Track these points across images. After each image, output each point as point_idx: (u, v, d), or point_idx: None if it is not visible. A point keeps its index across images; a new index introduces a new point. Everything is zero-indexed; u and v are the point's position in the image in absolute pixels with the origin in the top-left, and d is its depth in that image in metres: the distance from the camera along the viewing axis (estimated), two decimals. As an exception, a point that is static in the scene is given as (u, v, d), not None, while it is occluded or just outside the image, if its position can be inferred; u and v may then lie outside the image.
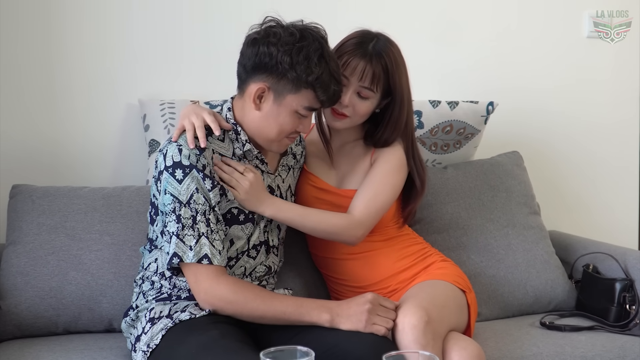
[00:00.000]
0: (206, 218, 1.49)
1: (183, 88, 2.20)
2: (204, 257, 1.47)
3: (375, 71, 1.67)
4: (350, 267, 1.79)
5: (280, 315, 1.48)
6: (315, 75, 1.48)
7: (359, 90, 1.69)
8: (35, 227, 1.84)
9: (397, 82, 1.71)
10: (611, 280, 1.97)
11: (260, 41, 1.50)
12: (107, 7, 2.18)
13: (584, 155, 2.66)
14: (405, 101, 1.74)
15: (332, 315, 1.47)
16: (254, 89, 1.52)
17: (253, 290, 1.50)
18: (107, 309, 1.81)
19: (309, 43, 1.48)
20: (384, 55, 1.69)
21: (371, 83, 1.68)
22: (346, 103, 1.68)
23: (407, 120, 1.77)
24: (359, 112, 1.71)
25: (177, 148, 1.50)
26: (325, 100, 1.53)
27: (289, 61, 1.47)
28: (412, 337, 1.48)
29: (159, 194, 1.53)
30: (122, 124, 2.20)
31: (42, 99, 2.15)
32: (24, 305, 1.78)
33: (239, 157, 1.59)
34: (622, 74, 2.70)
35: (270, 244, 1.67)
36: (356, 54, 1.68)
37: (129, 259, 1.84)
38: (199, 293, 1.50)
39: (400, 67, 1.72)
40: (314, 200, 1.77)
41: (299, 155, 1.80)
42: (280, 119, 1.54)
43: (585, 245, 2.20)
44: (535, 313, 2.05)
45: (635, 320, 1.91)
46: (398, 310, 1.54)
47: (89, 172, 2.16)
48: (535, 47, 2.58)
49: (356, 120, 1.73)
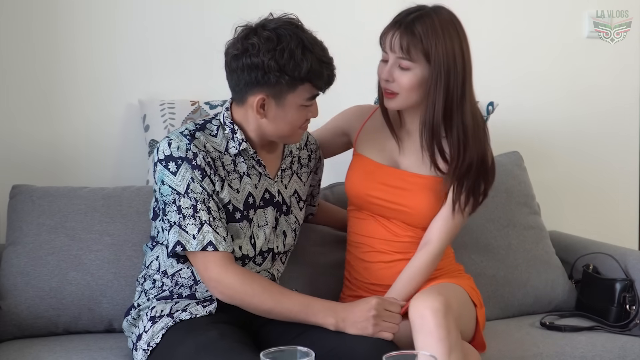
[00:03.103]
0: (206, 206, 1.50)
1: (183, 88, 2.19)
2: (209, 244, 1.48)
3: (407, 38, 1.61)
4: (377, 268, 1.75)
5: (287, 313, 1.48)
6: (305, 69, 1.48)
7: (398, 62, 1.64)
8: (35, 228, 1.84)
9: (434, 49, 1.60)
10: (611, 281, 1.97)
11: (241, 57, 1.49)
12: (107, 8, 2.18)
13: (584, 155, 2.66)
14: (444, 71, 1.61)
15: (337, 319, 1.46)
16: (254, 102, 1.52)
17: (261, 284, 1.50)
18: (107, 309, 1.81)
19: (288, 41, 1.47)
20: (417, 23, 1.61)
21: (403, 51, 1.62)
22: (385, 77, 1.65)
23: (455, 95, 1.62)
24: (403, 85, 1.64)
25: (167, 142, 1.52)
26: (323, 86, 1.54)
27: (276, 67, 1.47)
28: (435, 321, 1.43)
29: (156, 184, 1.54)
30: (122, 124, 2.20)
31: (41, 99, 2.15)
32: (24, 305, 1.78)
33: (233, 155, 1.59)
34: (623, 74, 2.69)
35: (275, 250, 1.66)
36: (390, 27, 1.65)
37: (129, 259, 1.84)
38: (209, 281, 1.50)
39: (439, 34, 1.60)
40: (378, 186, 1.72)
41: (306, 159, 1.77)
42: (288, 118, 1.54)
43: (585, 245, 2.20)
44: (535, 313, 2.05)
45: (636, 321, 1.91)
46: (412, 300, 1.51)
47: (89, 173, 2.16)
48: (535, 47, 2.57)
49: (406, 97, 1.65)
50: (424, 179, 1.71)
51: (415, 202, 1.70)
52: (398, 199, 1.71)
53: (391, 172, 1.73)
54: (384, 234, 1.73)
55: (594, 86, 2.66)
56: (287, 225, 1.68)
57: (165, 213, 1.52)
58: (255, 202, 1.60)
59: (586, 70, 2.64)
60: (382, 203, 1.72)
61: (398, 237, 1.73)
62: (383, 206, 1.72)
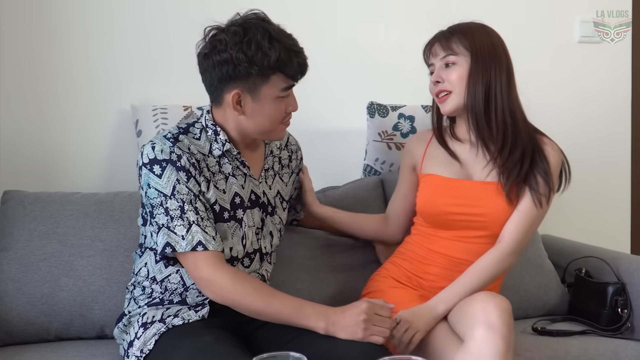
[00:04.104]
0: (194, 206, 1.50)
1: (175, 93, 2.19)
2: (198, 243, 1.48)
3: (446, 38, 1.73)
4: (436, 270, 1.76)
5: (278, 314, 1.48)
6: (273, 57, 1.48)
7: (444, 62, 1.73)
8: (26, 233, 1.84)
9: (473, 41, 1.71)
10: (603, 284, 1.97)
11: (211, 54, 1.51)
12: (99, 13, 2.18)
13: (576, 159, 2.66)
14: (484, 59, 1.71)
15: (328, 323, 1.46)
16: (230, 98, 1.53)
17: (253, 284, 1.50)
18: (99, 315, 1.80)
19: (254, 32, 1.49)
20: (454, 28, 1.75)
21: (445, 48, 1.72)
22: (435, 79, 1.75)
23: (497, 85, 1.72)
24: (453, 80, 1.72)
25: (150, 146, 1.53)
26: (295, 74, 1.54)
27: (245, 58, 1.48)
28: (500, 319, 1.45)
29: (142, 189, 1.54)
30: (114, 129, 2.20)
31: (33, 104, 2.15)
32: (15, 312, 1.77)
33: (217, 156, 1.59)
34: (614, 80, 2.71)
35: (263, 251, 1.67)
36: (429, 41, 1.78)
37: (121, 265, 1.83)
38: (200, 280, 1.49)
39: (475, 32, 1.73)
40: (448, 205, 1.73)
41: (286, 159, 1.78)
42: (266, 111, 1.55)
43: (577, 249, 2.20)
44: (528, 317, 2.05)
45: (627, 324, 1.91)
46: (477, 295, 1.54)
47: (81, 178, 2.16)
48: (527, 52, 2.58)
49: (459, 92, 1.72)
50: (492, 184, 1.73)
51: (489, 209, 1.71)
52: (472, 210, 1.72)
53: (460, 184, 1.75)
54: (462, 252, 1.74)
55: (585, 91, 2.68)
56: (273, 225, 1.69)
57: (153, 216, 1.52)
58: (244, 203, 1.61)
59: (577, 75, 2.66)
60: (457, 217, 1.72)
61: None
62: (458, 220, 1.72)
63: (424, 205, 1.78)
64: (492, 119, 1.72)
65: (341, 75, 2.39)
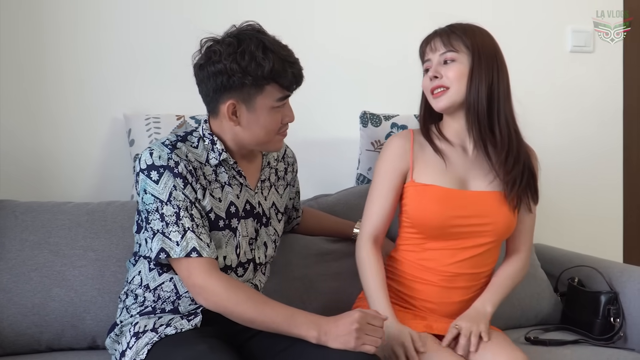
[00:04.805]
0: (189, 213, 1.50)
1: (168, 103, 2.20)
2: (193, 250, 1.48)
3: (447, 34, 1.72)
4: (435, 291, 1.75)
5: (270, 323, 1.47)
6: (267, 67, 1.49)
7: (443, 58, 1.71)
8: (18, 243, 1.83)
9: (474, 40, 1.70)
10: (596, 293, 1.98)
11: (205, 65, 1.53)
12: (92, 21, 2.18)
13: (568, 168, 2.68)
14: (485, 59, 1.70)
15: (320, 333, 1.45)
16: (225, 109, 1.54)
17: (245, 292, 1.49)
18: (91, 325, 1.79)
19: (248, 43, 1.50)
20: (454, 25, 1.73)
21: (445, 44, 1.71)
22: (432, 74, 1.71)
23: (497, 88, 1.71)
24: (451, 76, 1.69)
25: (148, 152, 1.53)
26: (290, 85, 1.55)
27: (239, 69, 1.49)
28: None
29: (139, 195, 1.54)
30: (107, 138, 2.20)
31: (25, 113, 2.14)
32: (6, 322, 1.76)
33: (214, 166, 1.59)
34: (605, 89, 2.73)
35: (257, 261, 1.66)
36: (428, 36, 1.76)
37: (113, 275, 1.82)
38: (194, 287, 1.49)
39: (476, 31, 1.73)
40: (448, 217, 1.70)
41: (282, 171, 1.78)
42: (261, 122, 1.55)
43: (570, 258, 2.21)
44: (521, 327, 2.05)
45: (620, 334, 1.91)
46: (499, 348, 1.60)
47: (73, 187, 2.15)
48: (518, 60, 2.57)
49: (456, 89, 1.69)
50: (495, 194, 1.73)
51: (496, 217, 1.71)
52: (480, 220, 1.71)
53: (465, 194, 1.72)
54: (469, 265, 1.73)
55: (577, 100, 2.69)
56: (267, 236, 1.69)
57: (148, 222, 1.51)
58: (239, 212, 1.61)
59: (569, 84, 2.67)
60: (464, 229, 1.70)
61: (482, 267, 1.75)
62: (465, 231, 1.70)
63: (424, 217, 1.70)
64: (495, 122, 1.71)
65: (334, 85, 2.40)
